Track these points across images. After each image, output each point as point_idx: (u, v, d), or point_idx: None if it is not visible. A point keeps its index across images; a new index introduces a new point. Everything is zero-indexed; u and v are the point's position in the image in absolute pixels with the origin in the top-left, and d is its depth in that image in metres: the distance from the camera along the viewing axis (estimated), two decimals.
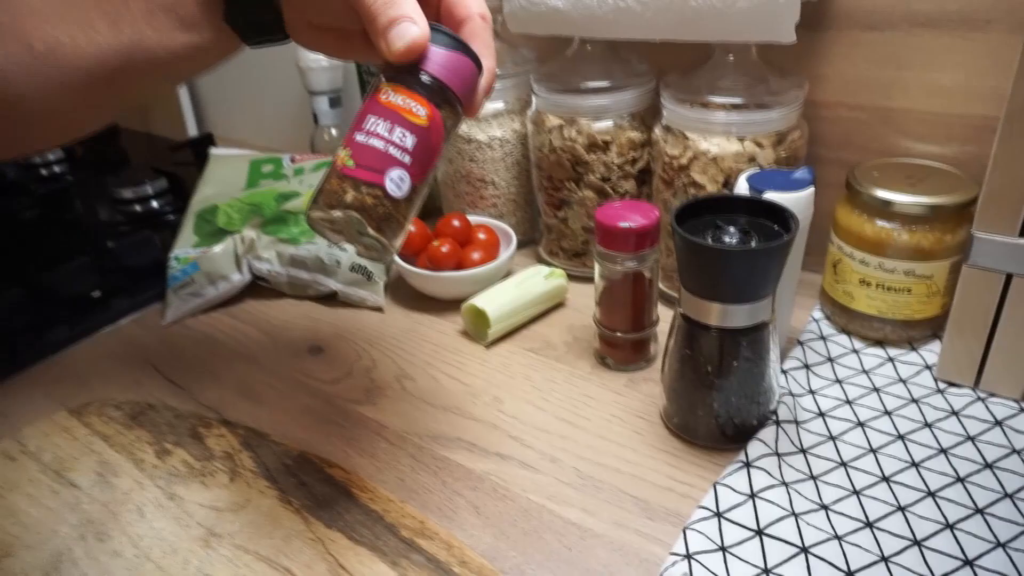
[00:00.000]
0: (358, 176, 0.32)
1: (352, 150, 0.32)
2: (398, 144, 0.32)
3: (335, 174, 0.32)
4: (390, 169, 0.32)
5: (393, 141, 0.32)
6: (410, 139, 0.33)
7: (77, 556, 0.38)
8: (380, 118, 0.33)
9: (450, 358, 0.54)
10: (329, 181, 0.33)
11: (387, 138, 0.32)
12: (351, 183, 0.32)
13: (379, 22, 0.32)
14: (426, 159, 0.34)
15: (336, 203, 0.32)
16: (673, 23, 0.50)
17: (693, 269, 0.40)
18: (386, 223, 0.33)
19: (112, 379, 0.55)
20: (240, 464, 0.43)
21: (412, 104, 0.33)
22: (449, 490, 0.42)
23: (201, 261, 0.61)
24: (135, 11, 0.35)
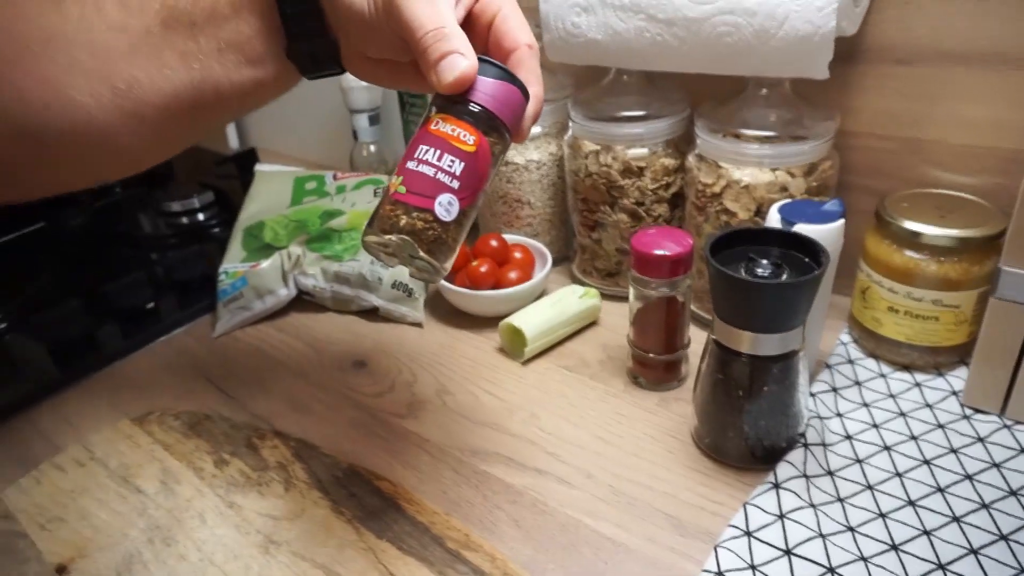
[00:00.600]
0: (409, 202, 0.34)
1: (404, 177, 0.34)
2: (447, 171, 0.34)
3: (388, 200, 0.34)
4: (440, 195, 0.34)
5: (442, 168, 0.34)
6: (458, 165, 0.34)
7: (147, 559, 0.41)
8: (430, 146, 0.35)
9: (488, 374, 0.57)
10: (383, 207, 0.34)
11: (437, 165, 0.34)
12: (403, 208, 0.34)
13: (430, 56, 0.34)
14: (474, 183, 0.35)
15: (389, 228, 0.34)
16: (708, 57, 0.52)
17: (726, 299, 0.42)
18: (436, 246, 0.34)
19: (168, 389, 0.59)
20: (294, 475, 0.46)
21: (460, 132, 0.35)
22: (490, 503, 0.44)
23: (250, 276, 0.64)
24: (205, 49, 0.38)
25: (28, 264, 0.77)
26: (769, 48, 0.48)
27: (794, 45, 0.47)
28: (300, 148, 1.05)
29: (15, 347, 0.65)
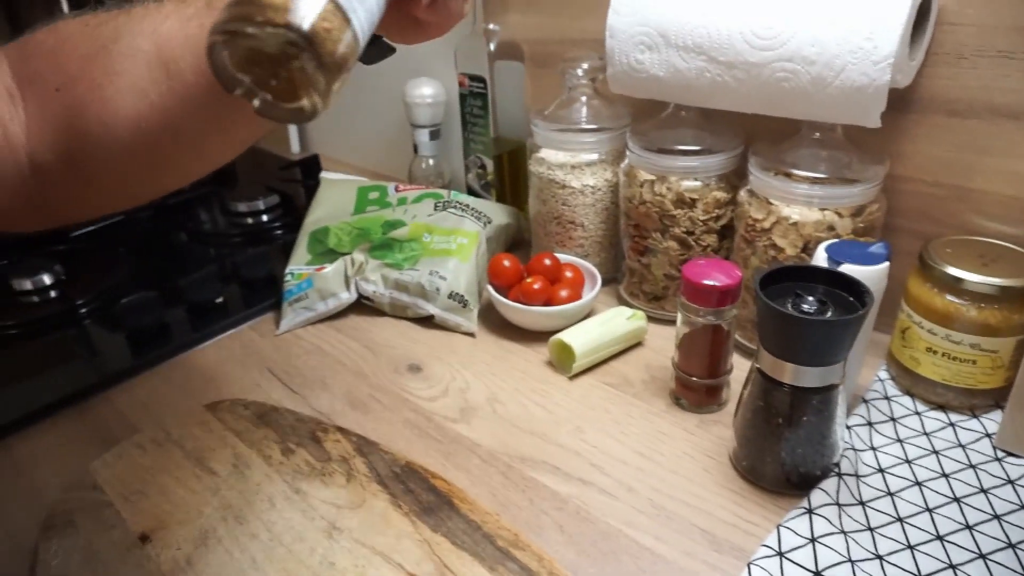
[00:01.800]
0: None
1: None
2: None
3: None
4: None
5: None
6: None
7: (221, 535, 0.45)
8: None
9: (536, 386, 0.60)
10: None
11: None
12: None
13: None
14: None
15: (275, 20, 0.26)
16: (765, 100, 0.54)
17: (773, 332, 0.44)
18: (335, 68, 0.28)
19: (235, 380, 0.63)
20: (355, 468, 0.50)
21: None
22: (536, 508, 0.47)
23: (315, 278, 0.69)
24: None
25: (108, 256, 0.83)
26: (824, 95, 0.51)
27: (849, 95, 0.50)
28: (360, 157, 1.10)
29: (95, 333, 0.71)
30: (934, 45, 0.54)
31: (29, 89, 0.39)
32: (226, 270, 0.76)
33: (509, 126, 0.81)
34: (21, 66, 0.40)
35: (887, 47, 0.47)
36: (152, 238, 0.89)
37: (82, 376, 0.63)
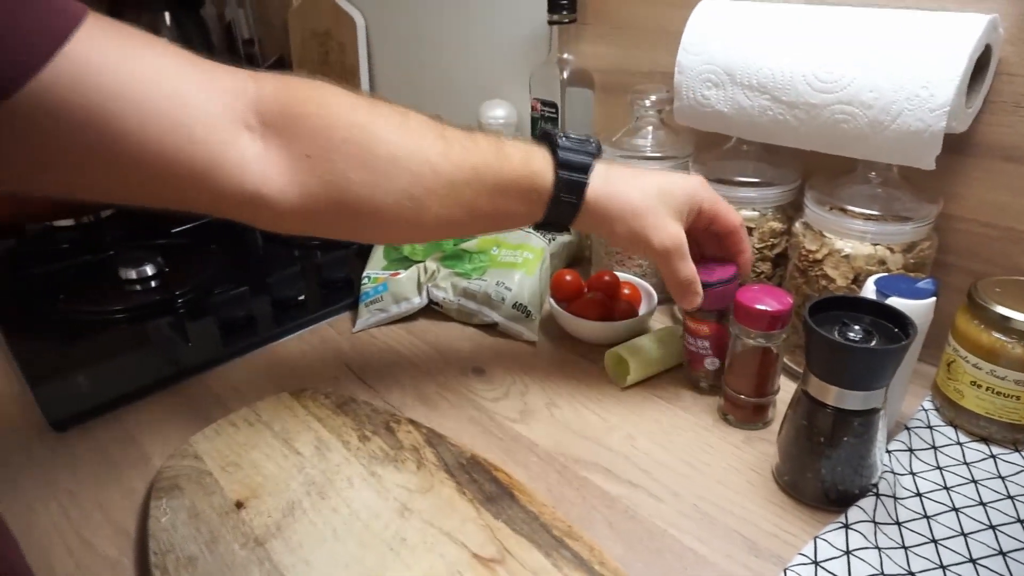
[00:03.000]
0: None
1: None
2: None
3: None
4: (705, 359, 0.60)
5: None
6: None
7: (305, 507, 0.50)
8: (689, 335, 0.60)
9: (591, 394, 0.64)
10: None
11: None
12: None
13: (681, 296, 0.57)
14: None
15: None
16: (824, 139, 0.58)
17: (820, 357, 0.48)
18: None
19: (315, 371, 0.69)
20: (424, 457, 0.55)
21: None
22: (588, 505, 0.52)
23: (390, 283, 0.74)
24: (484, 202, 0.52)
25: (202, 252, 0.90)
26: (881, 138, 0.54)
27: (905, 138, 0.53)
28: None
29: (190, 321, 0.78)
30: (992, 93, 0.56)
31: (276, 139, 0.46)
32: (307, 271, 0.83)
33: None
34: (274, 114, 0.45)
35: (943, 96, 0.50)
36: (240, 238, 0.96)
37: (180, 359, 0.70)
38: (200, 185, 0.44)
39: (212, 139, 0.43)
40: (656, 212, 0.54)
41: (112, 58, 0.39)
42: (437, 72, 1.08)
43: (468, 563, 0.46)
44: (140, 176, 0.42)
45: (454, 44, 1.03)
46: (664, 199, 0.54)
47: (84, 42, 0.38)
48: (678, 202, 0.55)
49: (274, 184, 0.46)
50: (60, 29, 0.37)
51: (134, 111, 0.40)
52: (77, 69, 0.37)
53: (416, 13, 1.07)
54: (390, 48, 1.15)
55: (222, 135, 0.44)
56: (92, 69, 0.38)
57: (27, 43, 0.36)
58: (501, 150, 0.52)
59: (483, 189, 0.51)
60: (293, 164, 0.46)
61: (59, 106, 0.37)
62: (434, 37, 1.06)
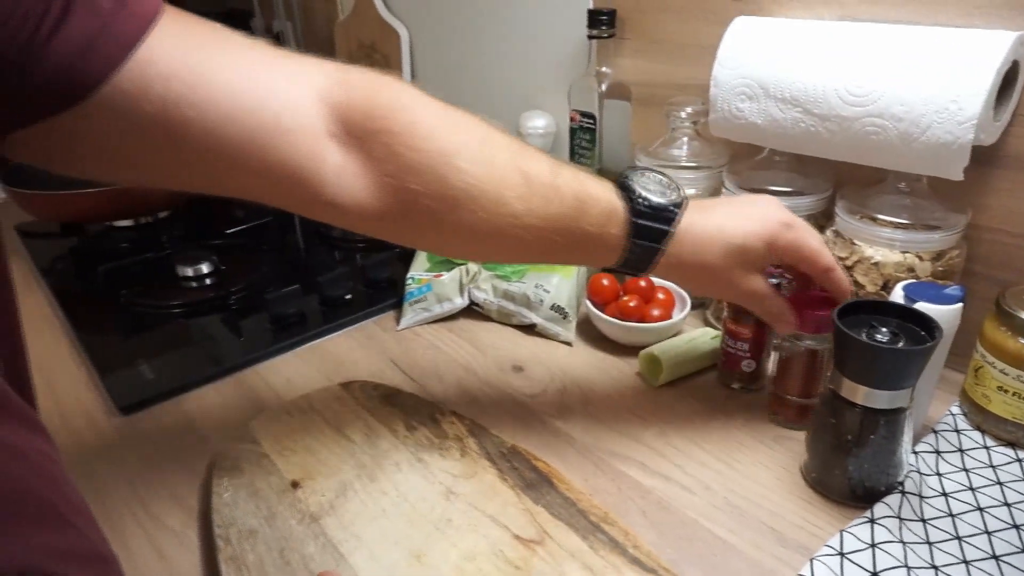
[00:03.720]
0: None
1: None
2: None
3: None
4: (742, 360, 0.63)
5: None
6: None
7: (357, 489, 0.54)
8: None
9: (626, 392, 0.67)
10: None
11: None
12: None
13: (777, 328, 0.58)
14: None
15: None
16: (855, 150, 0.60)
17: (847, 356, 0.50)
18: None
19: (362, 366, 0.73)
20: (468, 446, 0.58)
21: None
22: (623, 495, 0.54)
23: (434, 284, 0.78)
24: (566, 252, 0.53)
25: (254, 252, 0.95)
26: (910, 150, 0.56)
27: (933, 150, 0.55)
28: None
29: (246, 316, 0.82)
30: (1021, 107, 0.58)
31: (357, 153, 0.46)
32: (354, 272, 0.87)
33: (612, 158, 0.88)
34: (357, 126, 0.45)
35: (971, 109, 0.53)
36: (290, 239, 1.01)
37: (234, 351, 0.75)
38: (279, 186, 0.45)
39: (296, 143, 0.43)
40: (732, 272, 0.54)
41: (192, 55, 0.39)
42: (478, 83, 1.12)
43: (509, 543, 0.49)
44: (218, 171, 0.43)
45: (495, 56, 1.07)
46: (743, 258, 0.53)
47: (162, 39, 0.38)
48: (758, 256, 0.54)
49: (352, 196, 0.46)
50: (136, 27, 0.37)
51: (214, 110, 0.40)
52: (154, 68, 0.37)
53: (458, 27, 1.11)
54: (432, 60, 1.20)
55: (306, 139, 0.44)
56: (170, 67, 0.38)
57: (105, 40, 0.36)
58: (583, 206, 0.51)
59: (556, 244, 0.51)
60: (371, 180, 0.46)
61: (135, 105, 0.38)
62: (476, 49, 1.10)
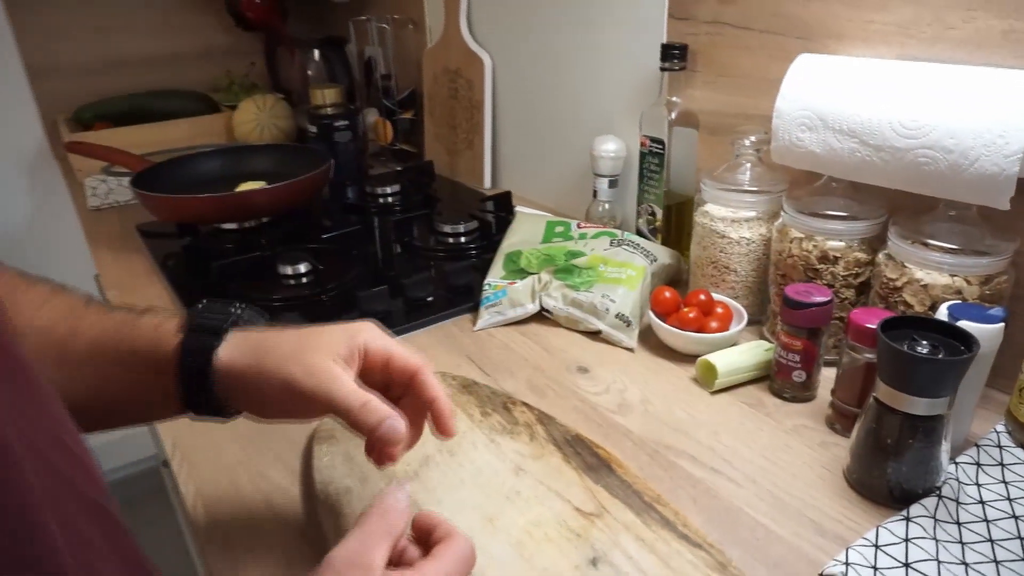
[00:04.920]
0: None
1: None
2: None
3: None
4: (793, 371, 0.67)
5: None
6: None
7: (437, 461, 0.61)
8: None
9: (682, 396, 0.72)
10: None
11: None
12: None
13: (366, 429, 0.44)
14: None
15: None
16: (907, 179, 0.65)
17: (890, 365, 0.55)
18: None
19: (441, 360, 0.80)
20: (536, 432, 0.64)
21: None
22: (674, 483, 0.60)
23: (509, 290, 0.85)
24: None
25: (346, 256, 1.05)
26: (960, 180, 0.61)
27: (982, 180, 0.59)
28: (544, 195, 1.28)
29: (338, 312, 0.91)
30: None
31: None
32: (435, 277, 0.95)
33: (679, 182, 0.94)
34: None
35: (1017, 144, 0.57)
36: (378, 246, 1.10)
37: None
38: None
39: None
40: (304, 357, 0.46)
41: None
42: (554, 108, 1.20)
43: (571, 514, 0.55)
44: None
45: (572, 83, 1.15)
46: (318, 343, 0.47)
47: None
48: (334, 342, 0.47)
49: None
50: None
51: None
52: None
53: (539, 55, 1.20)
54: (512, 84, 1.28)
55: None
56: None
57: None
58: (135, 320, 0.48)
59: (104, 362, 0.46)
60: None
61: None
62: (554, 77, 1.18)
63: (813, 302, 0.66)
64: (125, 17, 1.75)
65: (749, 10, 0.84)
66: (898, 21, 0.70)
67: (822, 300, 0.66)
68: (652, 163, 0.93)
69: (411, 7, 1.48)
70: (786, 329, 0.68)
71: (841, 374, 0.65)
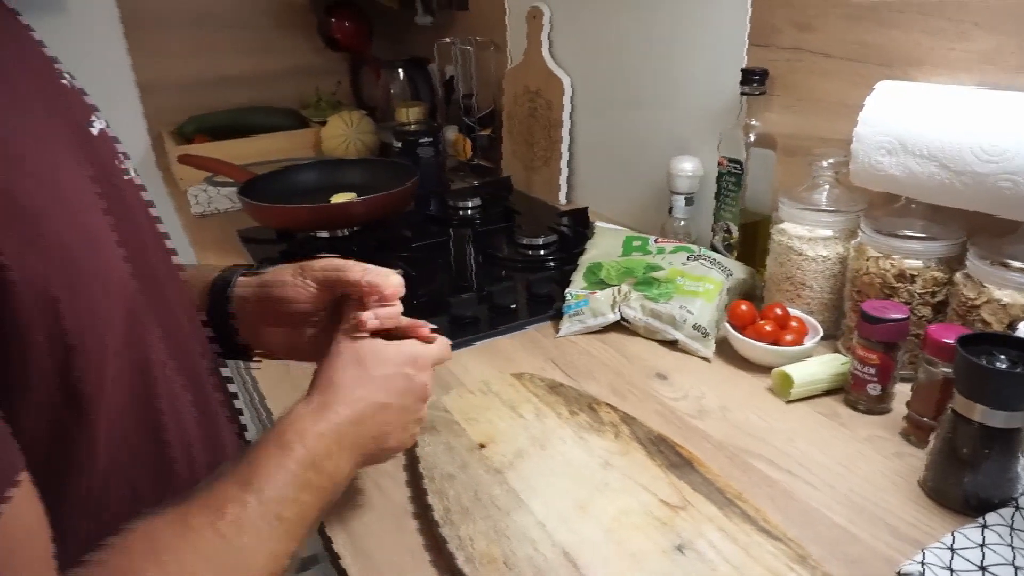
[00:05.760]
0: None
1: None
2: None
3: None
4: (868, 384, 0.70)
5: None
6: None
7: (531, 453, 0.67)
8: None
9: (758, 404, 0.76)
10: None
11: None
12: None
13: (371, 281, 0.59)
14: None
15: None
16: (987, 202, 0.67)
17: (967, 378, 0.57)
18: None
19: (527, 363, 0.86)
20: (620, 432, 0.69)
21: None
22: (753, 483, 0.64)
23: (590, 300, 0.90)
24: None
25: (434, 265, 1.12)
26: None
27: None
28: (620, 211, 1.32)
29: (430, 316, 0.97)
30: None
31: None
32: (519, 286, 1.01)
33: (754, 200, 0.98)
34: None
35: None
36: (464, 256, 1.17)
37: None
38: None
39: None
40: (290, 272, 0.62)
41: None
42: (632, 127, 1.25)
43: (657, 505, 0.59)
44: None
45: (650, 104, 1.19)
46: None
47: None
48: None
49: None
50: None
51: None
52: None
53: (618, 77, 1.25)
54: (591, 104, 1.34)
55: None
56: None
57: None
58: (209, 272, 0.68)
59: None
60: None
61: None
62: (633, 97, 1.23)
63: (890, 318, 0.69)
64: (227, 39, 1.89)
65: (829, 38, 0.87)
66: (981, 50, 0.73)
67: (899, 316, 0.69)
68: (729, 182, 0.97)
69: (494, 30, 1.56)
70: (862, 343, 0.71)
71: (917, 387, 0.68)
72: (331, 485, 0.51)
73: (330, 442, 0.50)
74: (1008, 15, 0.70)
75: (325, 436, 0.50)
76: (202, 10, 1.85)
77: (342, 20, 1.87)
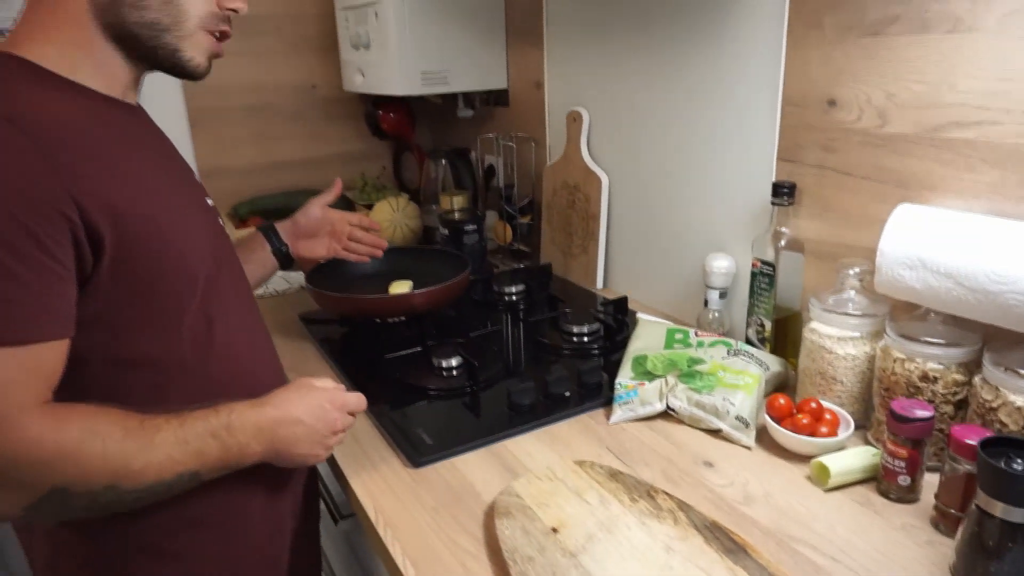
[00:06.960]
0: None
1: None
2: None
3: None
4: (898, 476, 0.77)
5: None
6: None
7: (600, 538, 0.75)
8: None
9: (798, 492, 0.84)
10: None
11: None
12: None
13: None
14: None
15: None
16: (1000, 316, 0.77)
17: (988, 478, 0.66)
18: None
19: (584, 449, 0.94)
20: (679, 517, 0.77)
21: None
22: (800, 568, 0.71)
23: (639, 390, 1.00)
24: None
25: (490, 351, 1.22)
26: None
27: None
28: (657, 300, 1.42)
29: (486, 402, 1.07)
30: None
31: None
32: (571, 375, 1.10)
33: (786, 298, 1.08)
34: None
35: None
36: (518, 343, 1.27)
37: (482, 428, 0.99)
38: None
39: None
40: None
41: None
42: (669, 225, 1.36)
43: None
44: None
45: (686, 205, 1.31)
46: None
47: None
48: None
49: None
50: None
51: None
52: None
53: (655, 178, 1.37)
54: (628, 202, 1.46)
55: None
56: None
57: None
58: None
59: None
60: None
61: None
62: (670, 197, 1.34)
63: (917, 417, 0.78)
64: (281, 127, 2.04)
65: (851, 159, 0.99)
66: (988, 181, 0.83)
67: (925, 416, 0.78)
68: (763, 282, 1.07)
69: (534, 127, 1.70)
70: (892, 438, 0.80)
71: (944, 481, 0.76)
72: (236, 449, 0.72)
73: (251, 425, 0.74)
74: (1008, 155, 0.81)
75: (250, 419, 0.74)
76: (261, 102, 2.00)
77: (388, 111, 2.03)
